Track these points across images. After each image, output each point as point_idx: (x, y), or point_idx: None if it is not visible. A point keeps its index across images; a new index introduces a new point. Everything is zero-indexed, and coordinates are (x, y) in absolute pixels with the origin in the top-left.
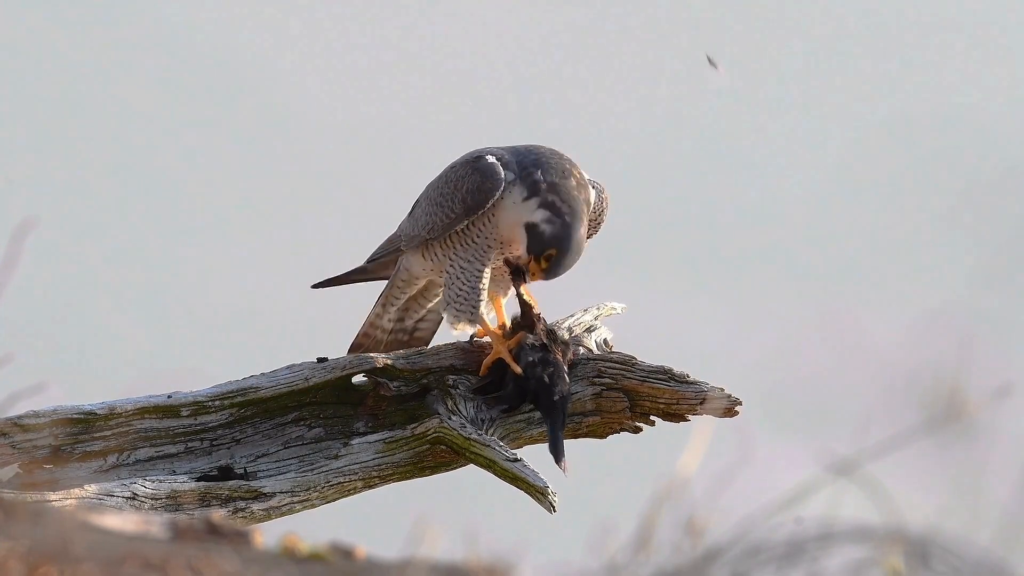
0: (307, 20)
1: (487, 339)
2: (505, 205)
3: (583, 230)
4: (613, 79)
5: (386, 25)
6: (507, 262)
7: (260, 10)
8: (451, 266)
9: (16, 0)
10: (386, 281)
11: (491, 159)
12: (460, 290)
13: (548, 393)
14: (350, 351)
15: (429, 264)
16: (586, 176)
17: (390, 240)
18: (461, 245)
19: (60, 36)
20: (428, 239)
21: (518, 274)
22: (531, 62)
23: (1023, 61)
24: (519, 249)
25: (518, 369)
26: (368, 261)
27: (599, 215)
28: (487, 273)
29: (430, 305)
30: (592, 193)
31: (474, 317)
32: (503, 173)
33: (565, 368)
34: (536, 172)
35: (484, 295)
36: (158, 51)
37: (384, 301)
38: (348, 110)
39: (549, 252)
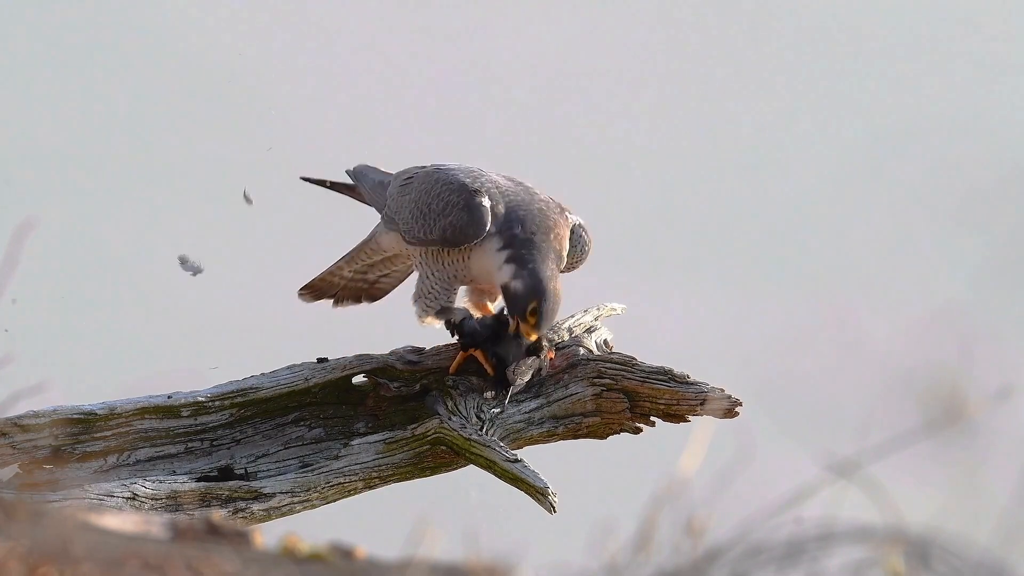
0: (293, 24)
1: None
2: (482, 249)
3: (549, 273)
4: (609, 77)
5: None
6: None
7: (243, 14)
8: (424, 266)
9: None
10: (364, 206)
11: (485, 202)
12: (432, 288)
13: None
14: (303, 289)
15: (402, 248)
16: (573, 220)
17: (378, 188)
18: (434, 258)
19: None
20: (404, 236)
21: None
22: (527, 58)
23: None
24: (483, 286)
25: (489, 368)
26: (354, 181)
27: (578, 259)
28: (458, 283)
29: (395, 268)
30: (566, 245)
31: (441, 314)
32: (488, 223)
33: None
34: (516, 227)
35: (455, 296)
36: (154, 55)
37: (351, 259)
38: (345, 110)
39: (532, 306)
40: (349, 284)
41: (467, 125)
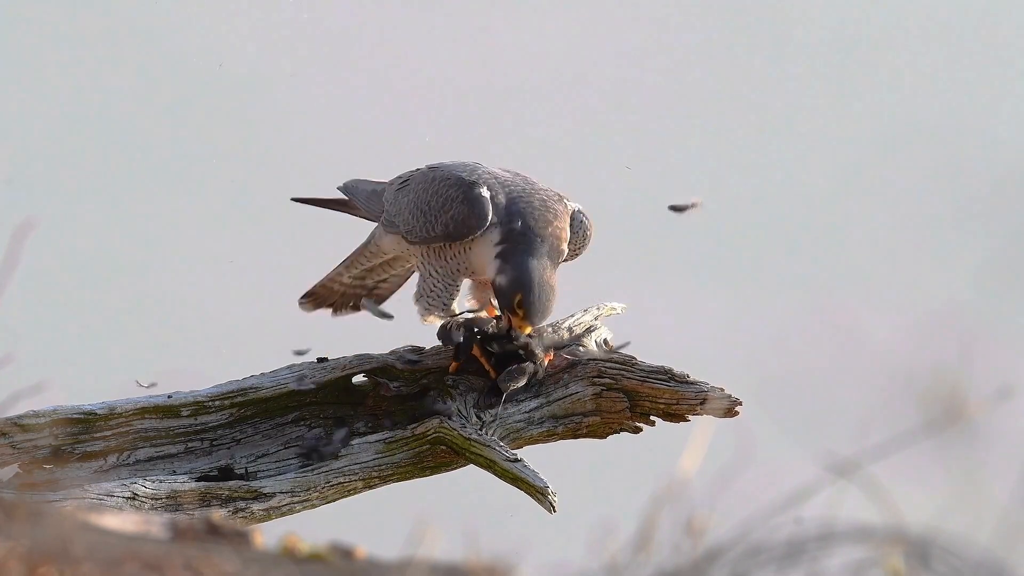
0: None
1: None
2: (483, 241)
3: (535, 264)
4: (610, 77)
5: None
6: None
7: (244, 18)
8: (427, 265)
9: None
10: (361, 219)
11: (484, 192)
12: (434, 287)
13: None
14: (304, 297)
15: (403, 249)
16: (572, 207)
17: (372, 197)
18: (436, 255)
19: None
20: (406, 237)
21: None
22: (527, 57)
23: None
24: (485, 279)
25: (492, 372)
26: (346, 195)
27: (580, 245)
28: (461, 278)
29: (393, 272)
30: (566, 236)
31: (444, 313)
32: (490, 214)
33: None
34: (516, 222)
35: (457, 293)
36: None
37: (349, 264)
38: (343, 109)
39: (517, 299)
40: (348, 291)
41: (466, 125)
